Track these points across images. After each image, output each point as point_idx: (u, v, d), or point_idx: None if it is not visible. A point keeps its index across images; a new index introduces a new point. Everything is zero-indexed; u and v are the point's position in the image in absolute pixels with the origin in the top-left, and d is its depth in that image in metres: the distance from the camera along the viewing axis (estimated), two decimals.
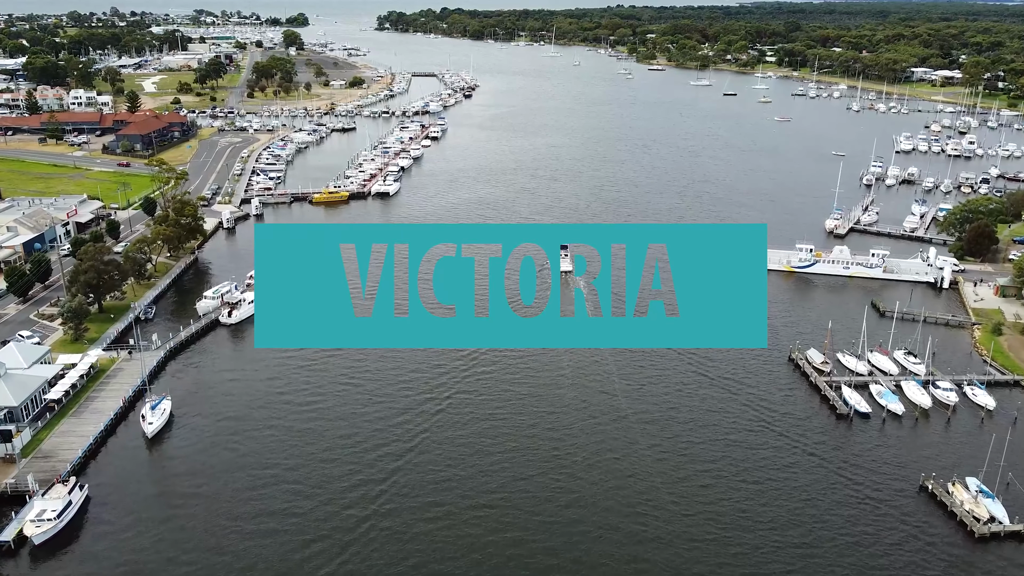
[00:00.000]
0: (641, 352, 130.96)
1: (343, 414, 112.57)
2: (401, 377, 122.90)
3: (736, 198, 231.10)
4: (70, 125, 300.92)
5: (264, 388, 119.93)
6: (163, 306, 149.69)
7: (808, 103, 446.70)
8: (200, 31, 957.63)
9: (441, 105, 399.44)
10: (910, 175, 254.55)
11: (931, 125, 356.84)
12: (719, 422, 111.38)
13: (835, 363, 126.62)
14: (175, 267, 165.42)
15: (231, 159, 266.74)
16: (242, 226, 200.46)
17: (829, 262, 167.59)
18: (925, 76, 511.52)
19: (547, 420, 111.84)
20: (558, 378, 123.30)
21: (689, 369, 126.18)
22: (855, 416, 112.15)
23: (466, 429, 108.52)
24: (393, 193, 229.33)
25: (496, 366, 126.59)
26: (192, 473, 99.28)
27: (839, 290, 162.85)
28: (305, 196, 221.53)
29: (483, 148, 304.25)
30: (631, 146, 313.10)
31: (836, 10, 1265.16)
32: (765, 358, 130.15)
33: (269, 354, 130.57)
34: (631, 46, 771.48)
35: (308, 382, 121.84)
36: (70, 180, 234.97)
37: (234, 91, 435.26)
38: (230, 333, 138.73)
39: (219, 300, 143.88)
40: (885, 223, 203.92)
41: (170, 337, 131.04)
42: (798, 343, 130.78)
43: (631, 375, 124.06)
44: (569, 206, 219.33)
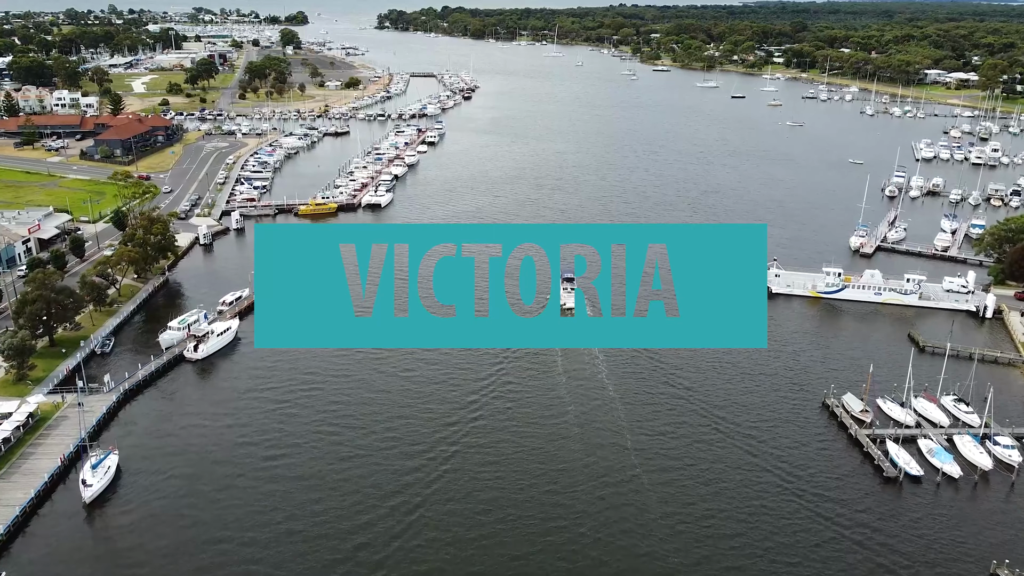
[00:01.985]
0: (656, 397, 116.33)
1: (313, 472, 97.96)
2: (386, 424, 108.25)
3: (751, 211, 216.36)
4: (49, 129, 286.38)
5: (227, 437, 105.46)
6: (125, 336, 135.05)
7: (819, 106, 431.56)
8: (197, 29, 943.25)
9: (439, 108, 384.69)
10: (935, 186, 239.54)
11: (950, 130, 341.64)
12: (745, 483, 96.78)
13: (875, 410, 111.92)
14: (142, 290, 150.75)
15: (216, 166, 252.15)
16: (221, 242, 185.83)
17: (859, 287, 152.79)
18: (939, 78, 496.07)
19: (549, 477, 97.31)
20: (562, 426, 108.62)
21: (709, 417, 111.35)
22: (904, 479, 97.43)
23: (461, 504, 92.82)
24: (385, 204, 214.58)
25: (492, 420, 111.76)
26: (132, 549, 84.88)
27: (870, 319, 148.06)
28: (291, 208, 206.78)
29: (482, 154, 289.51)
30: (638, 152, 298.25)
31: (841, 10, 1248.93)
32: (796, 403, 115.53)
33: (238, 393, 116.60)
34: (635, 46, 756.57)
35: (279, 429, 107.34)
36: (41, 189, 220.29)
37: (226, 92, 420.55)
38: (196, 371, 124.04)
39: (185, 331, 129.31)
40: (914, 240, 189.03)
41: (125, 377, 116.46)
42: (833, 388, 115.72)
43: (644, 422, 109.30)
44: (574, 220, 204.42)
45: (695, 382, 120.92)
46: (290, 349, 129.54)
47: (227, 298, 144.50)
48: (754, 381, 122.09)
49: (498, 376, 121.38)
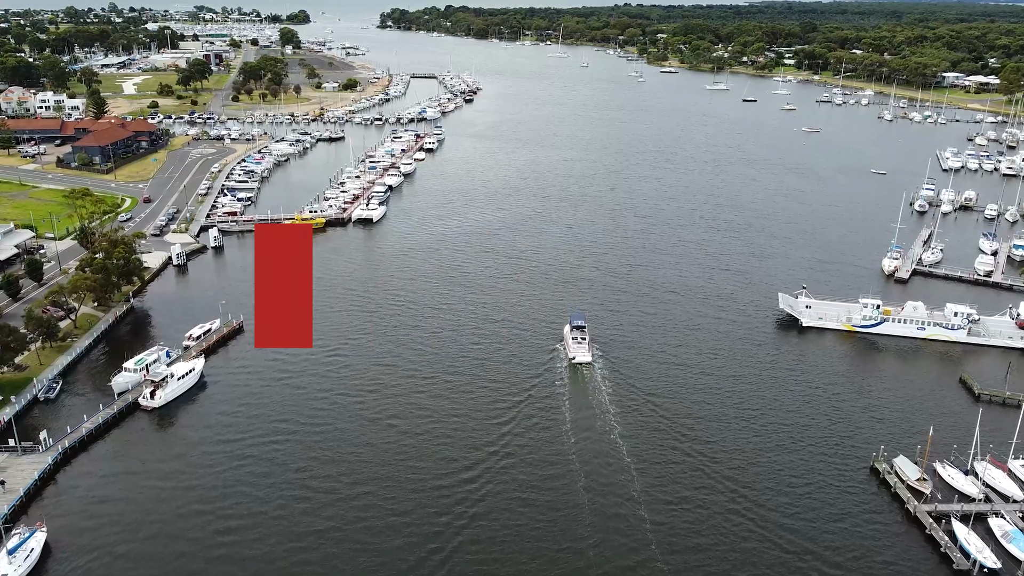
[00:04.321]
0: (671, 454, 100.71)
1: (269, 554, 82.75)
2: (365, 488, 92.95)
3: (771, 228, 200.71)
4: (27, 133, 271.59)
5: (180, 503, 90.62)
6: (78, 377, 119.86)
7: (835, 111, 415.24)
8: (197, 28, 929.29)
9: (439, 111, 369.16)
10: (967, 200, 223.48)
11: (974, 137, 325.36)
12: (779, 564, 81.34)
13: (933, 477, 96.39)
14: (102, 320, 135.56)
15: (200, 174, 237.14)
16: (197, 262, 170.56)
17: (900, 321, 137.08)
18: (957, 81, 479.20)
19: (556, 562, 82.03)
20: (570, 493, 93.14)
21: (735, 482, 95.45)
22: (978, 574, 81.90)
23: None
24: (377, 219, 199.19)
25: (491, 485, 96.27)
26: None
27: (913, 358, 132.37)
28: (275, 223, 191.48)
29: (484, 162, 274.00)
30: (648, 160, 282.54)
31: (848, 10, 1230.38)
32: (839, 465, 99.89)
33: (199, 447, 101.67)
34: (641, 47, 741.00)
35: (241, 492, 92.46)
36: (10, 201, 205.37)
37: (219, 94, 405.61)
38: (152, 421, 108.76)
39: (143, 373, 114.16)
40: (952, 263, 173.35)
41: (67, 432, 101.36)
42: (883, 449, 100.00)
43: (661, 486, 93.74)
44: (583, 240, 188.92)
45: (717, 436, 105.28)
46: (262, 392, 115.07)
47: (194, 332, 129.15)
48: (788, 435, 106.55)
49: (497, 430, 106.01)
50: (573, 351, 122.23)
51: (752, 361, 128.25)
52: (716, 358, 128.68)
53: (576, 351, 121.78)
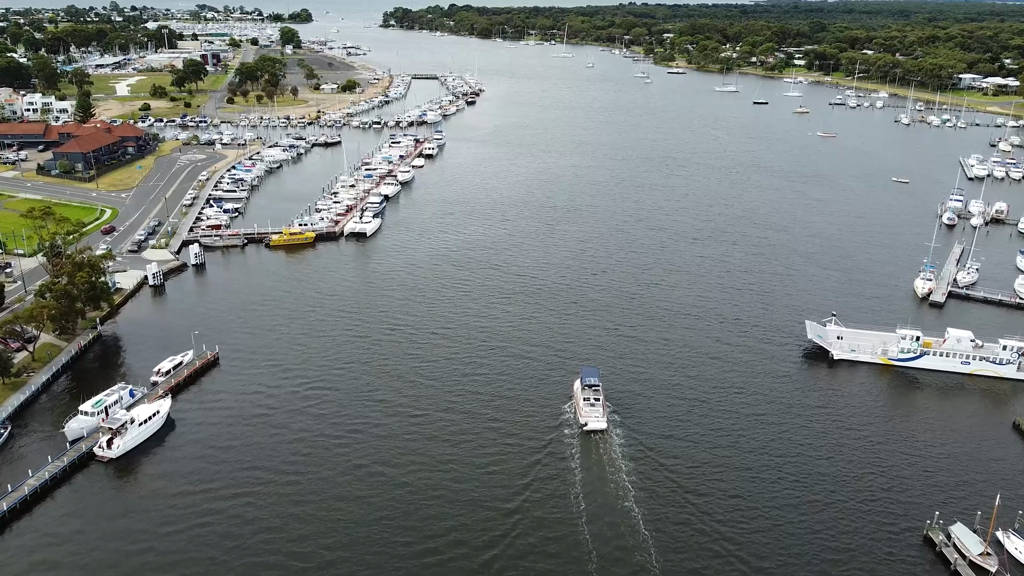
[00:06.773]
0: (694, 538, 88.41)
1: None
2: (341, 554, 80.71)
3: (791, 243, 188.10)
4: (8, 138, 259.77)
5: (127, 567, 78.59)
6: (31, 418, 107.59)
7: (849, 114, 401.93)
8: (198, 27, 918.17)
9: (440, 114, 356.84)
10: (999, 212, 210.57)
11: (997, 143, 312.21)
12: None
13: (998, 551, 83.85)
14: (64, 351, 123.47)
15: (187, 183, 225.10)
16: (176, 281, 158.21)
17: (941, 354, 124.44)
18: (974, 83, 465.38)
19: None
20: None
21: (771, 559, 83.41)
22: None
23: None
24: (371, 233, 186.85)
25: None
26: None
27: (956, 396, 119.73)
28: (262, 237, 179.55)
29: (486, 169, 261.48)
30: (658, 166, 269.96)
31: (855, 9, 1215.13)
32: (886, 532, 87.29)
33: (159, 503, 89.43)
34: (647, 46, 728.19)
35: (204, 558, 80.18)
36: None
37: (215, 95, 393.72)
38: (107, 474, 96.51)
39: (101, 417, 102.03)
40: (988, 284, 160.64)
41: (7, 490, 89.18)
42: (938, 516, 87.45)
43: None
44: (593, 256, 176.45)
45: (739, 489, 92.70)
46: (235, 434, 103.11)
47: (163, 365, 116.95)
48: (822, 487, 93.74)
49: (509, 484, 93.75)
50: (585, 416, 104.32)
51: (777, 397, 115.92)
52: (741, 393, 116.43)
53: (588, 417, 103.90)
